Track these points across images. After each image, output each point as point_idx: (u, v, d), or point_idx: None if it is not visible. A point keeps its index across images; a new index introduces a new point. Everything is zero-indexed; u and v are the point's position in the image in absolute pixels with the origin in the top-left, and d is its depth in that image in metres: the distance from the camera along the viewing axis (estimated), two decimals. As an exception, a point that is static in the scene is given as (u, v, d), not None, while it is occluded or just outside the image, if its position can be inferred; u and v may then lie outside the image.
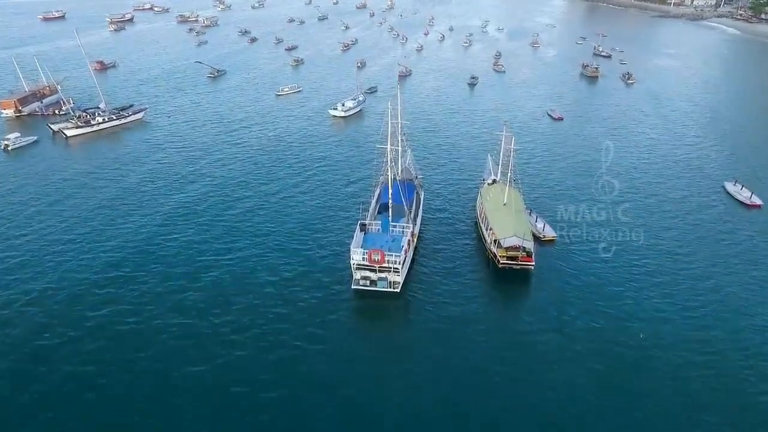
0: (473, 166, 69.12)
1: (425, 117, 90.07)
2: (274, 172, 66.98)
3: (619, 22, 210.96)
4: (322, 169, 68.25)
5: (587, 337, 39.86)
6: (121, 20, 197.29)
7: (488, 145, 75.67)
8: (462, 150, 75.96)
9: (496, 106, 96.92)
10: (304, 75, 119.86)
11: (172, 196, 60.80)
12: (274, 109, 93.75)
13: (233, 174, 66.58)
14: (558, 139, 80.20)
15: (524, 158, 70.69)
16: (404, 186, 52.33)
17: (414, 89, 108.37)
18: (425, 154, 72.43)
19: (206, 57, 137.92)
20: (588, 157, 73.53)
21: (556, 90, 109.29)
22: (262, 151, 74.00)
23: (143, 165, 70.44)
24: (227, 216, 56.03)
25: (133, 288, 44.04)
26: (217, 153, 73.50)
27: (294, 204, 58.78)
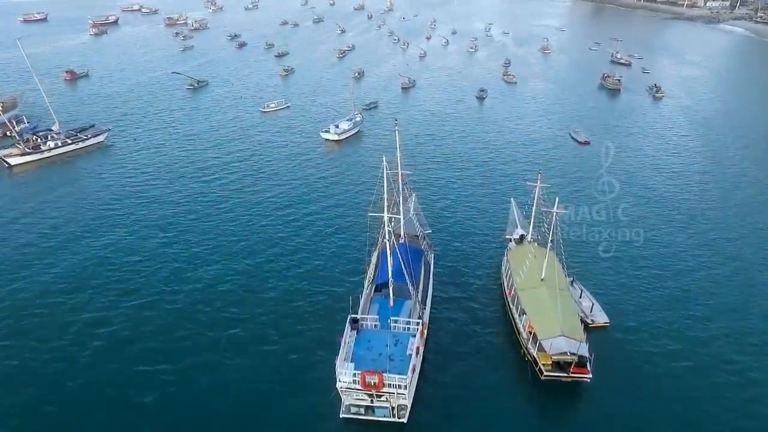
0: (493, 211, 55.64)
1: (430, 142, 76.52)
2: (248, 224, 52.96)
3: (629, 25, 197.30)
4: (309, 219, 54.10)
5: None
6: (104, 23, 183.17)
7: (509, 182, 62.46)
8: (477, 189, 62.01)
9: (512, 127, 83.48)
10: (294, 87, 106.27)
11: (126, 255, 47.62)
12: (258, 131, 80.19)
13: (195, 231, 51.83)
14: (588, 171, 66.76)
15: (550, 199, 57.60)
16: (407, 252, 38.98)
17: (417, 105, 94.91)
18: (431, 195, 58.95)
19: (190, 64, 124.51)
20: (634, 200, 59.82)
21: (575, 105, 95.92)
22: (238, 192, 59.66)
23: (96, 203, 57.43)
24: (178, 300, 41.76)
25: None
26: (183, 196, 59.87)
27: (270, 275, 44.99)
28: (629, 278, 45.47)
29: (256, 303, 41.07)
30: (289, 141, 76.16)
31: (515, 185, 61.28)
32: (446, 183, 62.82)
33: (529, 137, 78.74)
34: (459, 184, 62.52)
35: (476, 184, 62.90)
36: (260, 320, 39.20)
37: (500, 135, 79.67)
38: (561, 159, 71.06)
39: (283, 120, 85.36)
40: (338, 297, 39.99)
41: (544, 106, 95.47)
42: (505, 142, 76.75)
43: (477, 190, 61.20)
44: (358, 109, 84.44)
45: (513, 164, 68.49)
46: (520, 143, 76.10)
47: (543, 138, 78.92)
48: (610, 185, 60.54)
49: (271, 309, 40.47)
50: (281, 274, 44.66)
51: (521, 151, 73.12)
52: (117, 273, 44.50)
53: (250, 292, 42.33)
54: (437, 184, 62.37)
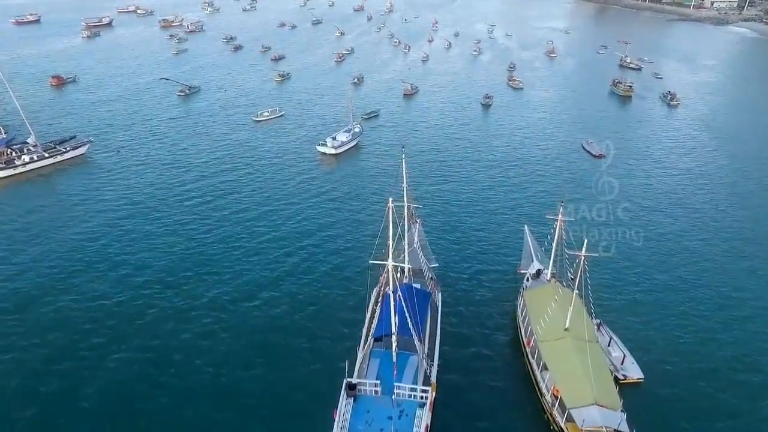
0: (504, 239, 50.05)
1: (434, 156, 70.67)
2: (231, 262, 47.65)
3: (636, 27, 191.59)
4: (301, 257, 47.36)
5: None
6: (97, 25, 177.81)
7: (520, 204, 56.90)
8: (486, 212, 56.08)
9: (521, 139, 77.88)
10: (290, 93, 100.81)
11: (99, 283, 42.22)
12: (249, 142, 74.75)
13: (172, 271, 45.86)
14: (605, 189, 61.45)
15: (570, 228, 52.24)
16: (412, 296, 33.59)
17: (420, 113, 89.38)
18: (435, 220, 53.09)
19: (182, 69, 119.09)
20: (660, 225, 54.26)
21: (585, 113, 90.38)
22: (223, 221, 53.37)
23: (75, 223, 52.15)
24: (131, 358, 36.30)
25: None
26: (166, 211, 54.68)
27: (252, 317, 39.66)
28: (663, 320, 40.05)
29: (248, 354, 35.71)
30: (282, 154, 70.63)
31: (527, 208, 55.93)
32: (452, 204, 57.11)
33: (540, 150, 73.19)
34: (466, 206, 56.82)
35: (485, 206, 57.06)
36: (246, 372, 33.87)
37: (509, 148, 74.14)
38: (575, 174, 65.50)
39: (277, 130, 79.87)
40: (333, 356, 34.39)
41: (553, 114, 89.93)
42: (514, 156, 71.15)
43: (486, 214, 55.39)
44: (357, 119, 78.93)
45: (524, 182, 62.83)
46: (530, 157, 70.51)
47: (554, 151, 73.36)
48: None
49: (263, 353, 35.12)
50: (268, 326, 39.03)
51: (532, 167, 67.57)
52: (87, 314, 39.21)
53: (238, 335, 37.03)
54: (442, 206, 56.66)
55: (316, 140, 74.42)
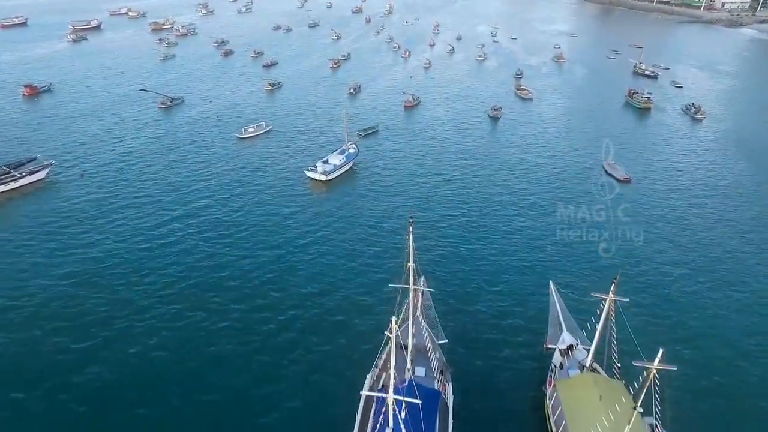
0: (524, 297, 41.20)
1: (439, 184, 61.49)
2: (188, 318, 39.28)
3: (645, 29, 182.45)
4: (285, 332, 39.13)
5: None
6: (84, 28, 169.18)
7: (541, 248, 48.09)
8: (500, 260, 46.51)
9: (535, 159, 68.85)
10: (280, 105, 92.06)
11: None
12: (230, 166, 65.97)
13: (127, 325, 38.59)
14: (636, 222, 52.70)
15: (600, 267, 43.74)
16: (416, 407, 24.94)
17: (423, 129, 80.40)
18: (440, 272, 44.08)
19: (168, 77, 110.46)
20: (697, 275, 45.67)
21: (602, 129, 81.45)
22: (191, 270, 44.65)
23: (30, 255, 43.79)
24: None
25: None
26: (125, 258, 46.01)
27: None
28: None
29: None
30: (265, 180, 61.79)
31: (550, 252, 47.05)
32: (459, 249, 47.89)
33: (558, 174, 64.13)
34: (477, 252, 47.60)
35: (499, 251, 47.89)
36: None
37: (523, 171, 65.03)
38: (601, 202, 56.83)
39: (262, 149, 71.13)
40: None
41: (568, 130, 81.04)
42: (530, 183, 61.78)
43: (501, 263, 46.08)
44: (352, 138, 70.12)
45: (543, 219, 53.55)
46: (548, 184, 61.36)
47: (574, 174, 64.34)
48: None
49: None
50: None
51: (550, 195, 58.51)
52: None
53: None
54: (449, 251, 47.70)
55: (305, 162, 65.84)
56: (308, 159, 66.50)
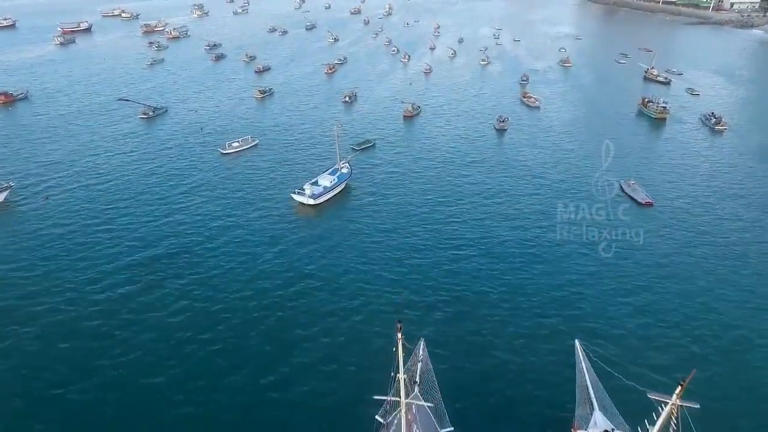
0: (546, 362, 34.09)
1: (443, 217, 54.12)
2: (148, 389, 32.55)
3: (652, 32, 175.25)
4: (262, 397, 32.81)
5: None
6: (74, 30, 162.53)
7: (565, 300, 40.79)
8: (516, 312, 38.94)
9: (548, 178, 61.74)
10: (270, 115, 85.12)
11: None
12: (211, 187, 58.89)
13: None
14: (670, 258, 45.71)
15: (642, 325, 37.05)
16: None
17: (424, 142, 73.12)
18: (442, 330, 37.45)
19: (155, 82, 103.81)
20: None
21: (617, 143, 73.37)
22: (157, 324, 37.99)
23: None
24: None
25: None
26: (80, 305, 39.30)
27: None
28: None
29: None
30: (247, 204, 54.92)
31: (572, 300, 40.05)
32: (463, 292, 40.75)
33: (574, 198, 57.17)
34: (484, 296, 40.24)
35: (510, 295, 40.48)
36: None
37: (534, 196, 57.48)
38: (623, 235, 49.86)
39: (246, 167, 64.18)
40: None
41: (580, 143, 73.86)
42: (543, 212, 54.02)
43: (514, 311, 38.66)
44: (346, 156, 62.81)
45: (561, 254, 46.15)
46: (563, 212, 54.01)
47: (591, 196, 57.50)
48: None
49: None
50: None
51: (568, 227, 50.75)
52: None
53: None
54: (452, 296, 40.32)
55: (292, 181, 59.13)
56: (296, 178, 59.69)
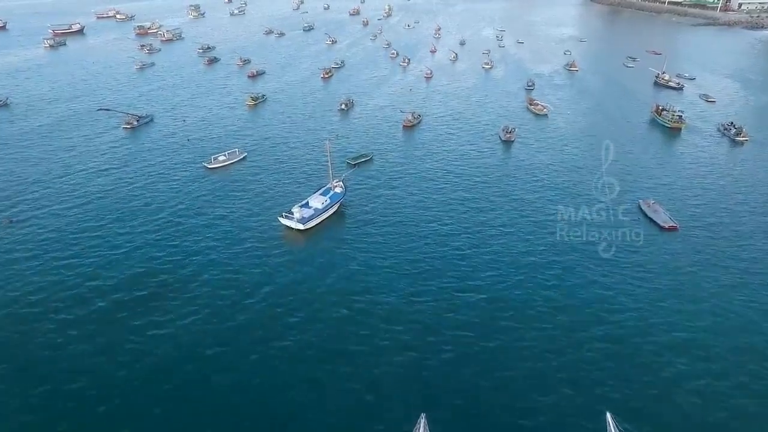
0: None
1: (449, 239, 49.56)
2: None
3: (658, 33, 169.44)
4: None
5: None
6: (65, 32, 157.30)
7: (589, 360, 35.04)
8: (534, 373, 33.56)
9: (560, 196, 55.42)
10: (261, 124, 79.54)
11: None
12: (193, 204, 53.51)
13: None
14: (704, 306, 40.23)
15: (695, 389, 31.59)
16: None
17: (425, 155, 67.17)
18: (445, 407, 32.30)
19: (143, 88, 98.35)
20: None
21: (631, 157, 67.89)
22: (118, 363, 33.39)
23: None
24: None
25: None
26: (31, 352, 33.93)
27: None
28: None
29: None
30: (230, 227, 49.55)
31: (597, 356, 34.00)
32: (471, 347, 34.75)
33: (590, 222, 51.39)
34: (495, 354, 34.32)
35: (527, 348, 34.65)
36: None
37: (547, 218, 51.65)
38: (646, 268, 44.23)
39: (232, 183, 58.67)
40: None
41: (593, 158, 68.16)
42: (554, 238, 48.40)
43: (533, 371, 32.89)
44: (340, 174, 56.99)
45: (580, 295, 40.16)
46: (581, 237, 48.20)
47: (609, 221, 51.41)
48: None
49: None
50: None
51: (587, 258, 44.82)
52: None
53: None
54: (458, 351, 34.60)
55: (281, 199, 53.79)
56: (286, 198, 54.29)
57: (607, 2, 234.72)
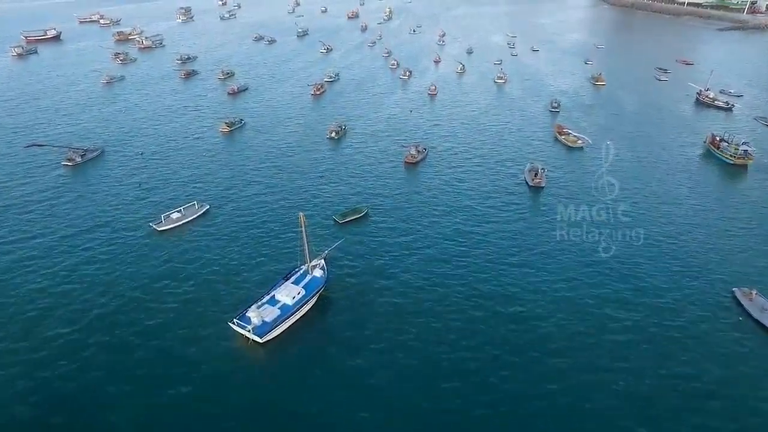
0: None
1: (464, 358, 34.37)
2: None
3: (683, 39, 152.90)
4: None
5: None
6: (39, 39, 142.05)
7: None
8: None
9: (620, 282, 40.76)
10: (233, 160, 63.57)
11: None
12: (125, 309, 38.01)
13: None
14: None
15: None
16: None
17: (433, 209, 51.23)
18: None
19: (105, 109, 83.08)
20: None
21: (700, 210, 52.95)
22: None
23: None
24: None
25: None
26: None
27: None
28: None
29: None
30: (168, 335, 34.44)
31: None
32: None
33: (664, 329, 36.02)
34: None
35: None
36: None
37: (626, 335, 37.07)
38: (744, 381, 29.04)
39: (182, 256, 42.86)
40: None
41: (646, 205, 52.66)
42: (615, 355, 34.16)
43: None
44: (319, 250, 41.63)
45: None
46: (653, 357, 33.01)
47: (674, 304, 36.54)
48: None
49: None
50: None
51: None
52: None
53: None
54: None
55: (242, 287, 38.58)
56: (248, 283, 38.99)
57: (619, 4, 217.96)
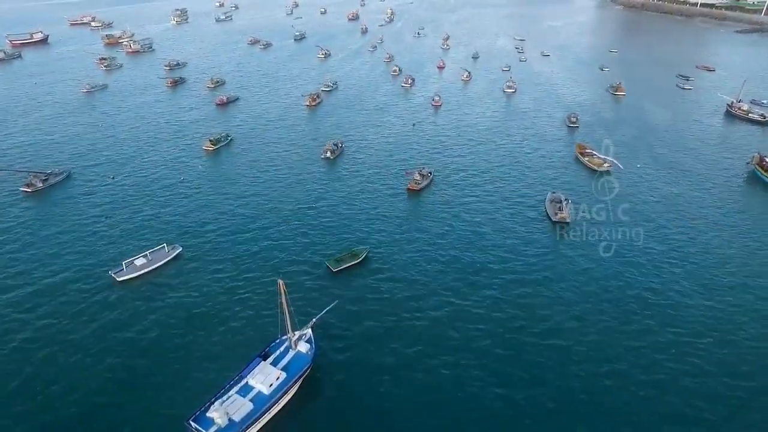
0: None
1: None
2: None
3: (699, 42, 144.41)
4: None
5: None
6: (24, 42, 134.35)
7: None
8: None
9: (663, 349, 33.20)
10: (215, 188, 55.38)
11: None
12: (74, 387, 30.73)
13: None
14: None
15: None
16: None
17: (440, 249, 43.82)
18: None
19: (74, 126, 74.30)
20: None
21: (738, 242, 45.37)
22: None
23: None
24: None
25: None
26: None
27: None
28: None
29: None
30: None
31: None
32: None
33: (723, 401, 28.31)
34: None
35: None
36: None
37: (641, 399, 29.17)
38: None
39: (137, 327, 35.26)
40: None
41: (690, 251, 44.89)
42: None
43: None
44: (307, 318, 33.76)
45: None
46: None
47: (738, 382, 28.94)
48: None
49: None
50: None
51: None
52: None
53: None
54: None
55: (210, 367, 30.77)
56: (219, 365, 31.15)
57: (628, 4, 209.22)
